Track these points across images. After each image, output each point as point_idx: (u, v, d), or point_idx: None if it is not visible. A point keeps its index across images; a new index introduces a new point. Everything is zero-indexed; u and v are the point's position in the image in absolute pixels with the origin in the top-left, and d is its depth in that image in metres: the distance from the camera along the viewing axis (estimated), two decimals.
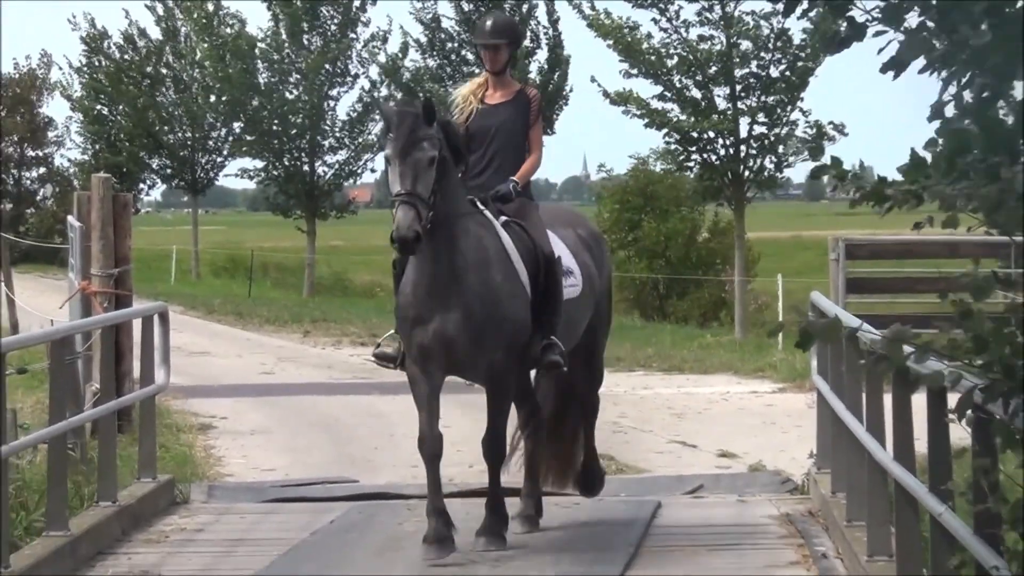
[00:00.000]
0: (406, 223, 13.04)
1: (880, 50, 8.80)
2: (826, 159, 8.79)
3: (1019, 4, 8.65)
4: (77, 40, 79.51)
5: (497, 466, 14.90)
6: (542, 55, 56.57)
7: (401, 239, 13.13)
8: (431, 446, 14.33)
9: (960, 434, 10.31)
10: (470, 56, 55.64)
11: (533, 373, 15.68)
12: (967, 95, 8.76)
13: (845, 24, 8.81)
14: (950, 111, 8.82)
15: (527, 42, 56.12)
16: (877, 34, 8.80)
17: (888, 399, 13.36)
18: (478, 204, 14.32)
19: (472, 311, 13.84)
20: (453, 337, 13.88)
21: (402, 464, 17.11)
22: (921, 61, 8.73)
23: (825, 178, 8.97)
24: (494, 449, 14.85)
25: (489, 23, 15.54)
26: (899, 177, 8.90)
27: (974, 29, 8.65)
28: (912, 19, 8.77)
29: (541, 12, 57.06)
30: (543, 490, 16.13)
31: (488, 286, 13.95)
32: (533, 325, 14.45)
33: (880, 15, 8.69)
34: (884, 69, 8.79)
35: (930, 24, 8.69)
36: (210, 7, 73.48)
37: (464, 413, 27.18)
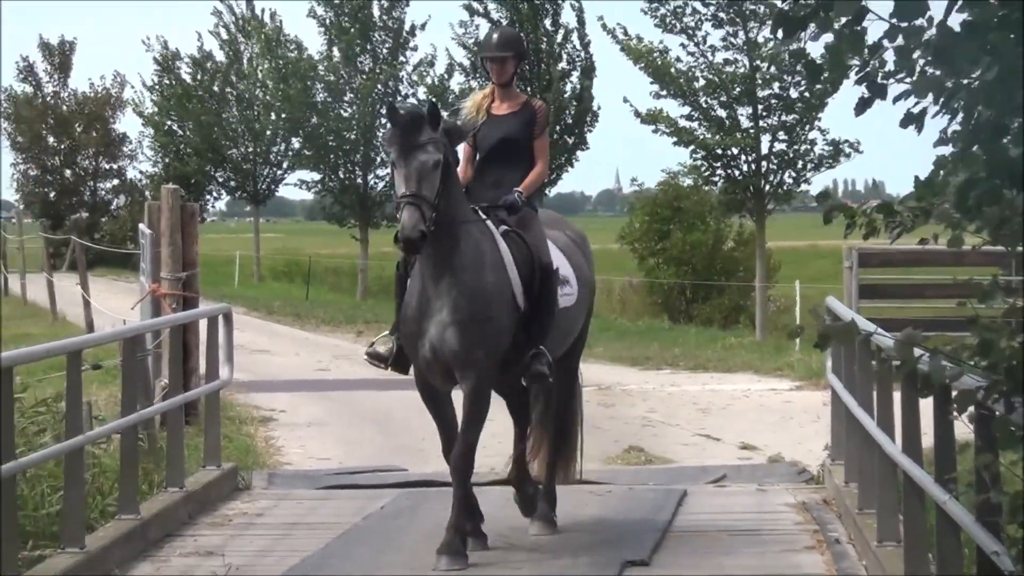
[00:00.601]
0: (411, 224, 12.77)
1: (895, 100, 8.79)
2: (842, 173, 8.73)
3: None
4: (150, 60, 79.95)
5: (464, 479, 14.20)
6: (575, 75, 56.27)
7: (406, 239, 12.87)
8: (463, 468, 14.06)
9: (963, 430, 10.31)
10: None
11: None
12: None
13: (866, 87, 8.82)
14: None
15: (563, 64, 56.06)
16: (897, 99, 8.81)
17: (897, 396, 13.37)
18: (479, 212, 13.99)
19: (459, 306, 13.43)
20: (439, 339, 13.49)
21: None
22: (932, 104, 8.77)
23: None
24: (463, 463, 14.11)
25: (496, 37, 15.13)
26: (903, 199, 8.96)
27: (975, 66, 8.65)
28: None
29: (574, 35, 56.77)
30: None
31: (478, 286, 13.55)
32: (524, 335, 14.02)
33: (903, 74, 8.70)
34: (904, 124, 8.78)
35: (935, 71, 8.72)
36: (271, 33, 73.66)
37: (503, 405, 27.21)
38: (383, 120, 65.20)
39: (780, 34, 9.15)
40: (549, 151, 15.11)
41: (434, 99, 14.21)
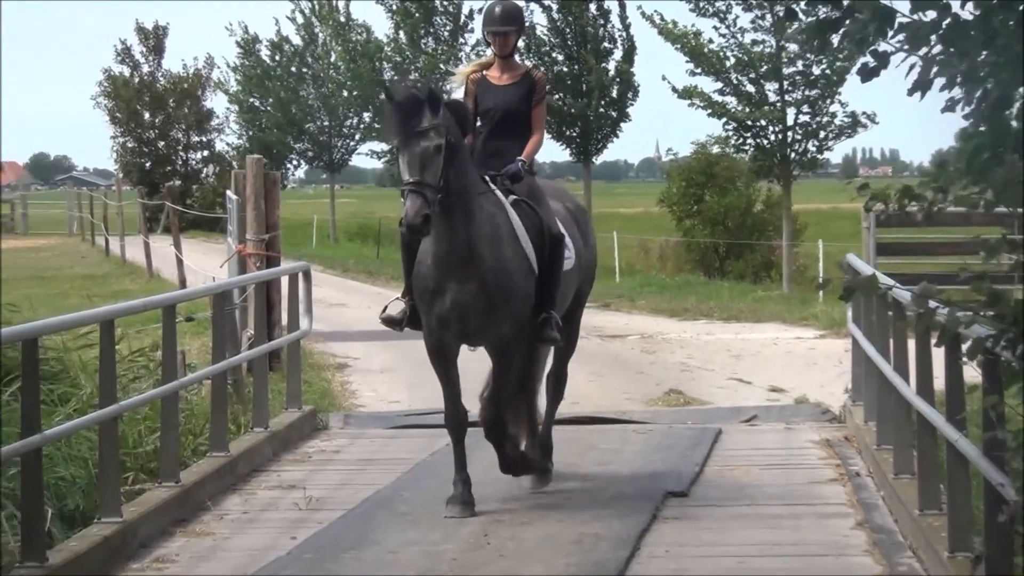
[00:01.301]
0: (413, 211, 12.35)
1: (907, 73, 8.78)
2: (861, 141, 8.74)
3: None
4: (233, 44, 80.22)
5: (501, 442, 13.91)
6: (617, 54, 56.07)
7: (409, 226, 12.48)
8: (454, 422, 13.71)
9: (971, 374, 10.29)
10: (560, 57, 55.51)
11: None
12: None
13: (870, 54, 8.80)
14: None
15: (607, 44, 55.85)
16: (900, 63, 8.78)
17: (911, 343, 13.36)
18: (489, 183, 13.56)
19: (486, 283, 13.05)
20: (468, 306, 13.10)
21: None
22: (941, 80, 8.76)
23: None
24: (495, 429, 13.86)
25: (499, 10, 14.50)
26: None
27: (984, 49, 8.63)
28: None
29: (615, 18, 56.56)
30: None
31: (501, 261, 13.14)
32: (539, 300, 13.69)
33: (906, 45, 8.67)
34: (911, 91, 8.77)
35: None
36: (342, 18, 73.68)
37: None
38: (446, 97, 65.20)
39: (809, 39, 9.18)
40: (546, 120, 14.78)
41: (431, 82, 13.14)
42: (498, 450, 13.75)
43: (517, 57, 14.82)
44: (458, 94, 14.52)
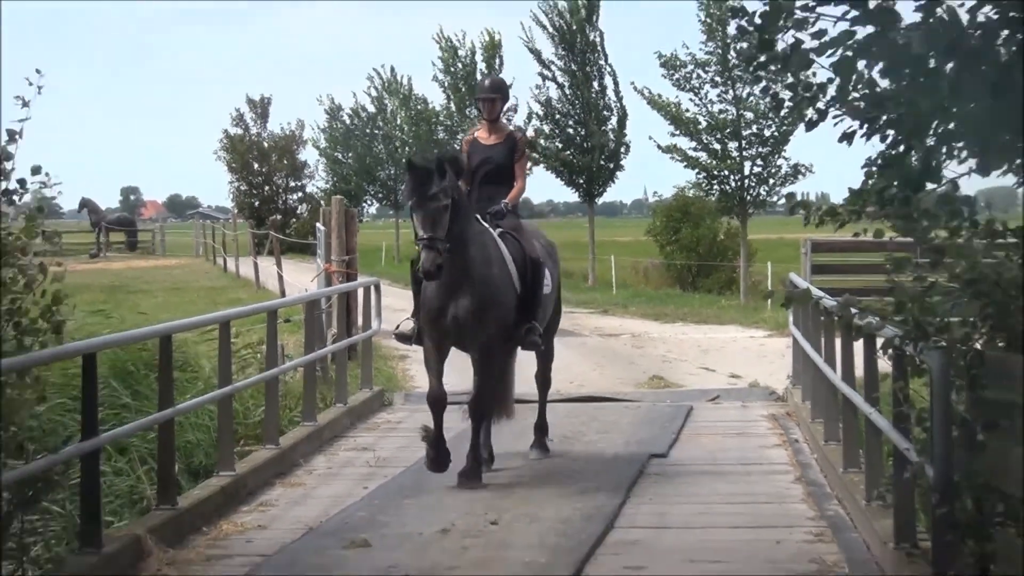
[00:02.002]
0: (429, 262, 12.06)
1: (835, 123, 8.76)
2: (800, 187, 8.77)
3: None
4: (322, 111, 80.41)
5: (479, 423, 13.38)
6: (613, 120, 56.13)
7: (426, 273, 12.16)
8: (437, 398, 13.13)
9: (883, 365, 10.29)
10: (570, 122, 55.57)
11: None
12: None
13: (813, 111, 8.80)
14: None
15: (604, 109, 55.90)
16: (835, 117, 8.78)
17: (838, 342, 13.36)
18: (483, 221, 13.20)
19: (477, 295, 12.69)
20: (463, 318, 12.72)
21: (530, 383, 17.02)
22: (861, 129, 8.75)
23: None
24: (479, 409, 13.39)
25: (487, 83, 14.57)
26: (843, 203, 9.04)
27: (896, 105, 8.60)
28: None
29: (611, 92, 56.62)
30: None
31: (489, 278, 12.82)
32: (519, 313, 13.30)
33: (836, 101, 8.66)
34: (840, 140, 8.78)
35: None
36: (406, 91, 73.74)
37: (565, 346, 27.13)
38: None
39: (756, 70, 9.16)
40: (527, 172, 14.04)
41: (441, 156, 12.44)
42: (474, 431, 13.34)
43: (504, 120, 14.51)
44: None
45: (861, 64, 8.65)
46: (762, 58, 8.95)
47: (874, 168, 8.78)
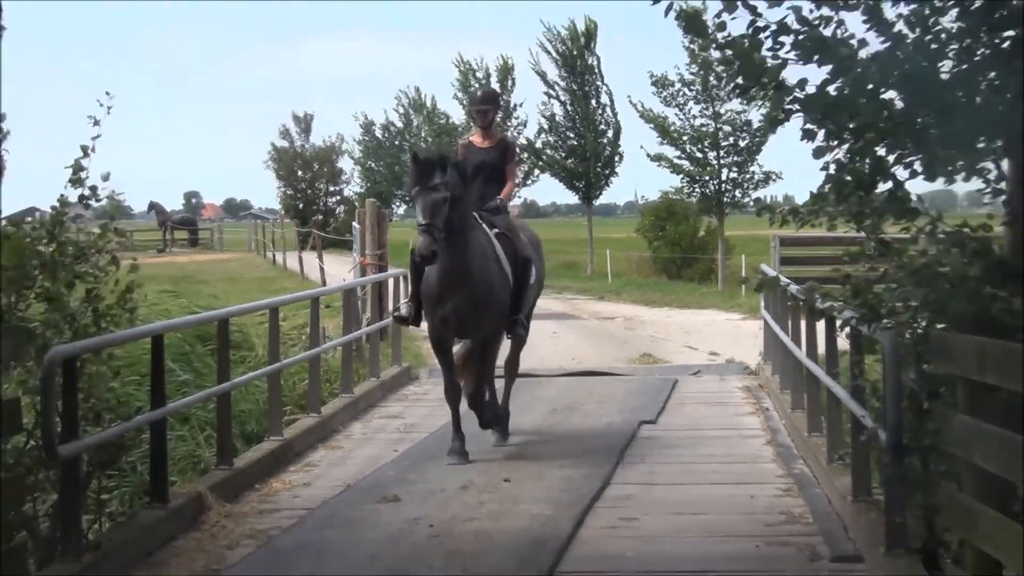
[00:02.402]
0: (424, 246, 11.49)
1: (801, 129, 8.74)
2: (771, 190, 8.77)
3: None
4: (357, 126, 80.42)
5: (480, 410, 12.82)
6: (609, 132, 56.17)
7: (422, 256, 11.58)
8: (452, 393, 12.65)
9: (842, 343, 10.29)
10: (571, 134, 55.69)
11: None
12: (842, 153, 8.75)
13: (781, 112, 8.76)
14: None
15: (601, 123, 55.97)
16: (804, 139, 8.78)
17: (803, 323, 13.36)
18: (479, 219, 12.55)
19: (477, 293, 12.12)
20: (464, 311, 12.17)
21: (538, 359, 17.05)
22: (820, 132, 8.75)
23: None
24: (479, 399, 12.83)
25: (480, 94, 13.99)
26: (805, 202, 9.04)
27: (850, 116, 8.58)
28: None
29: (608, 108, 56.66)
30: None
31: (487, 277, 12.24)
32: (512, 305, 12.74)
33: (801, 107, 8.63)
34: (803, 137, 8.75)
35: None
36: (429, 107, 73.71)
37: (567, 328, 27.07)
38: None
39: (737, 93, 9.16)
40: (517, 173, 13.84)
41: (444, 151, 11.96)
42: (478, 413, 12.89)
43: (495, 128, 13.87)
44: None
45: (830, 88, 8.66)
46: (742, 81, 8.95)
47: (831, 172, 8.77)
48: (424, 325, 13.13)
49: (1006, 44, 8.41)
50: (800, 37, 8.52)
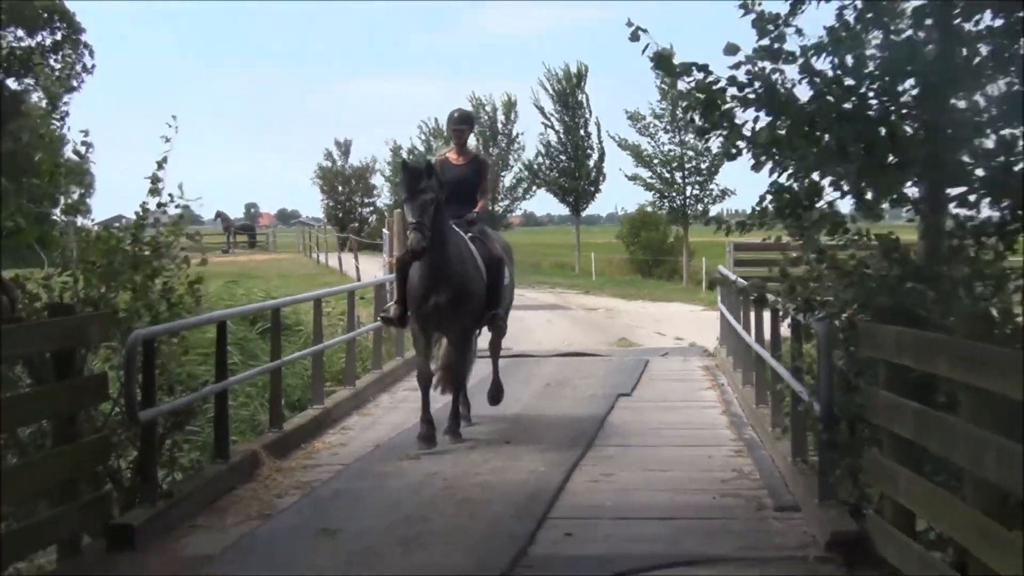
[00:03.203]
0: (417, 240, 10.76)
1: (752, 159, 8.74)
2: (727, 204, 8.77)
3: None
4: (387, 150, 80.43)
5: (459, 391, 12.01)
6: (595, 156, 56.39)
7: (414, 250, 10.89)
8: (426, 377, 11.63)
9: (784, 330, 10.28)
10: (564, 157, 55.84)
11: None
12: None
13: (734, 148, 8.77)
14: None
15: (588, 149, 56.12)
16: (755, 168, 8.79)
17: (752, 314, 13.35)
18: (455, 227, 11.66)
19: (456, 289, 11.29)
20: (444, 307, 11.28)
21: (535, 342, 16.97)
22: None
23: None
24: (459, 380, 12.02)
25: (456, 115, 12.60)
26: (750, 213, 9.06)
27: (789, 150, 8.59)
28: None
29: (594, 136, 56.82)
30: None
31: (465, 276, 11.40)
32: (488, 302, 11.77)
33: (749, 143, 8.63)
34: (752, 168, 8.75)
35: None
36: (446, 136, 73.37)
37: (559, 317, 27.07)
38: (504, 175, 64.36)
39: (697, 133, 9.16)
40: (493, 189, 12.59)
41: (430, 158, 11.14)
42: (454, 397, 12.00)
43: (471, 144, 12.83)
44: None
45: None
46: (704, 124, 8.96)
47: (771, 193, 8.78)
48: None
49: (916, 91, 8.45)
50: (749, 91, 8.53)
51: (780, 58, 8.49)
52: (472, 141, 11.90)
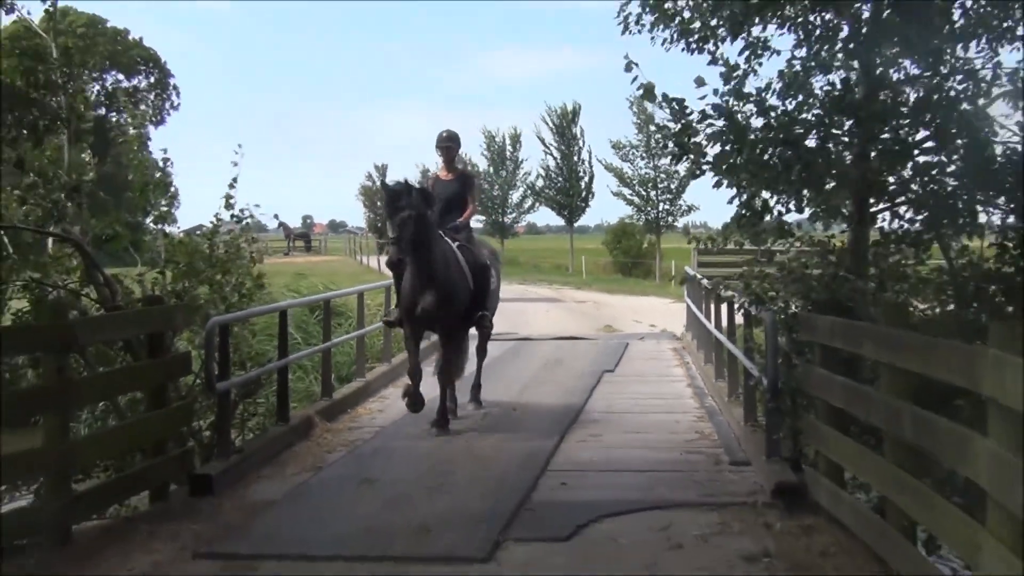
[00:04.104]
0: (393, 256, 9.58)
1: (714, 179, 8.76)
2: (692, 217, 8.72)
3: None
4: (418, 172, 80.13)
5: (445, 385, 10.62)
6: (587, 178, 56.37)
7: (390, 263, 9.70)
8: (416, 374, 10.27)
9: (739, 319, 10.27)
10: (560, 179, 55.75)
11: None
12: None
13: (698, 170, 8.79)
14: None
15: (581, 172, 56.08)
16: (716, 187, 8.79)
17: (712, 306, 13.32)
18: (444, 235, 10.41)
19: (441, 292, 9.99)
20: (430, 309, 9.96)
21: (533, 328, 16.97)
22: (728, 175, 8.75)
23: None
24: (446, 376, 10.66)
25: (444, 134, 11.11)
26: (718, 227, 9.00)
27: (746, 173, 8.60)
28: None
29: (587, 161, 56.80)
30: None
31: (449, 280, 10.11)
32: (472, 304, 10.50)
33: (712, 167, 8.64)
34: (714, 186, 8.76)
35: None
36: (466, 160, 72.61)
37: (556, 308, 27.04)
38: (509, 193, 63.66)
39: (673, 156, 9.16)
40: (478, 200, 10.94)
41: (408, 179, 10.29)
42: (443, 391, 10.67)
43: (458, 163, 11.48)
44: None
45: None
46: (675, 150, 8.97)
47: (738, 209, 8.79)
48: None
49: (848, 124, 8.47)
50: (714, 122, 8.55)
51: (743, 98, 8.53)
52: (460, 157, 10.50)
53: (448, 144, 11.26)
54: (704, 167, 8.73)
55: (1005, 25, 7.97)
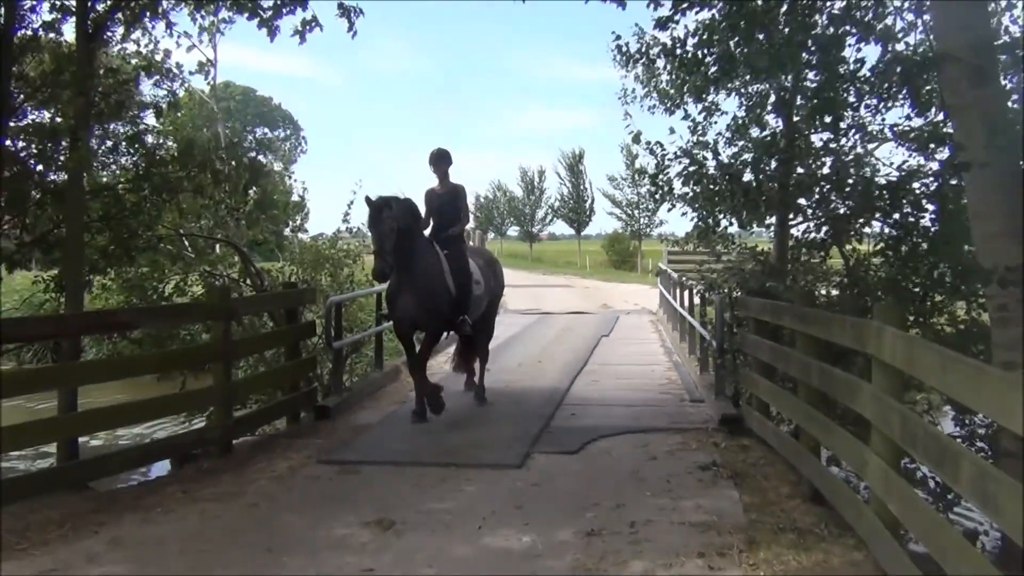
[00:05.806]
0: (378, 267, 7.27)
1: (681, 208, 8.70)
2: (664, 228, 8.62)
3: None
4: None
5: (418, 375, 8.00)
6: (589, 201, 56.20)
7: (374, 274, 7.41)
8: (414, 368, 7.90)
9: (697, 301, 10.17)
10: (571, 201, 55.46)
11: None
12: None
13: (668, 201, 8.73)
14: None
15: (585, 197, 55.73)
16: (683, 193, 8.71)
17: (678, 291, 13.21)
18: (435, 245, 8.04)
19: (419, 297, 7.68)
20: (413, 313, 7.67)
21: (552, 306, 16.93)
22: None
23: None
24: (418, 366, 7.93)
25: (436, 154, 8.46)
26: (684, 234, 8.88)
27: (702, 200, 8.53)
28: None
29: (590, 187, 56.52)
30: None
31: (430, 286, 7.79)
32: (456, 309, 8.02)
33: (680, 198, 8.59)
34: (682, 215, 8.71)
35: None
36: (504, 190, 69.40)
37: (567, 292, 26.93)
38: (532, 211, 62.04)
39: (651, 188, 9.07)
40: (469, 212, 8.44)
41: (400, 194, 7.64)
42: (416, 385, 8.10)
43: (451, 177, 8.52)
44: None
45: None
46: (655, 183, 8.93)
47: (696, 226, 8.74)
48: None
49: (775, 164, 8.41)
50: (682, 162, 8.54)
51: (704, 147, 8.57)
52: (452, 173, 8.40)
53: (439, 162, 8.70)
54: (675, 202, 8.74)
55: (893, 90, 7.91)
